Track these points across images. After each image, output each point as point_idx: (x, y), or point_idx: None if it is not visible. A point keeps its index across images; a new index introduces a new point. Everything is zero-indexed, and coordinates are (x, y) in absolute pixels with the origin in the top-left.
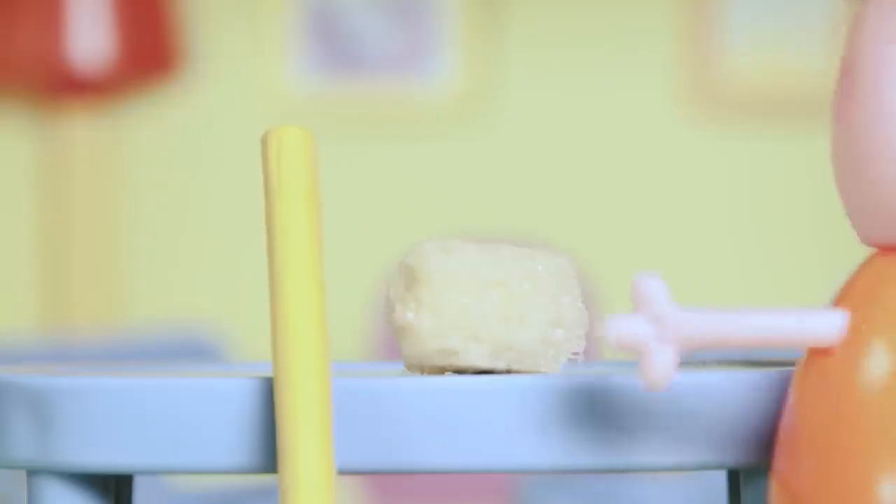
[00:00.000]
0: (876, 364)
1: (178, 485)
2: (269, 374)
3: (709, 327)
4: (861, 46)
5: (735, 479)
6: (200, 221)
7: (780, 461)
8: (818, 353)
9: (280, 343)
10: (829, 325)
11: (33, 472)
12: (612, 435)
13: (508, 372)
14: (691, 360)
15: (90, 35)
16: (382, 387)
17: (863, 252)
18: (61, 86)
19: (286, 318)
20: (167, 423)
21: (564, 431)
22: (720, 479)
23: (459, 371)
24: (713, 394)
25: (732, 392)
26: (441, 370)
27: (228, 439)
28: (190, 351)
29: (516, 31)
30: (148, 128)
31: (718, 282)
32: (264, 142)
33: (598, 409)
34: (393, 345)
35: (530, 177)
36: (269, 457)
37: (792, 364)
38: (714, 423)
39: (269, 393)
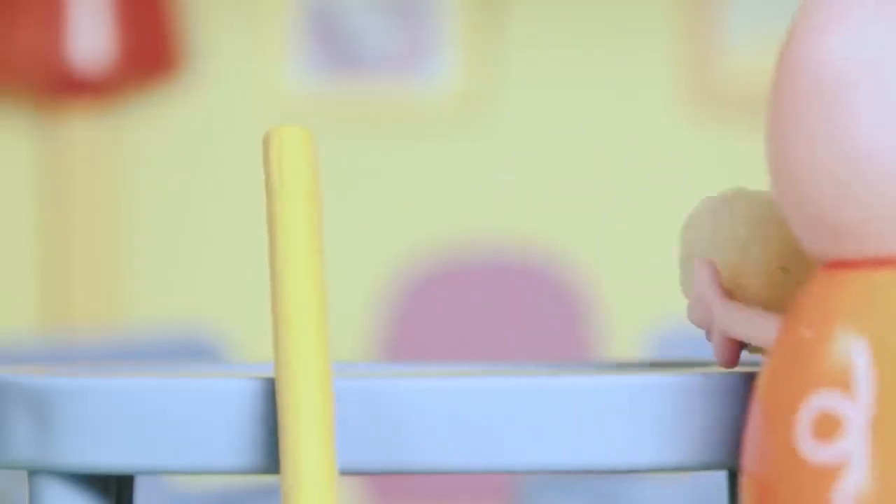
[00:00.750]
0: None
1: (178, 485)
2: (269, 374)
3: (730, 323)
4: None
5: (735, 479)
6: (200, 221)
7: (747, 456)
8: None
9: (281, 343)
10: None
11: (34, 472)
12: (611, 435)
13: None
14: (692, 360)
15: (90, 35)
16: (382, 387)
17: None
18: (61, 86)
19: (287, 319)
20: (167, 423)
21: (564, 431)
22: (720, 479)
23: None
24: (714, 394)
25: (734, 392)
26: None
27: (229, 439)
28: (190, 351)
29: (516, 31)
30: (148, 128)
31: None
32: (265, 142)
33: (597, 409)
34: (393, 345)
35: (530, 177)
36: (269, 457)
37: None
38: (714, 423)
39: (269, 393)
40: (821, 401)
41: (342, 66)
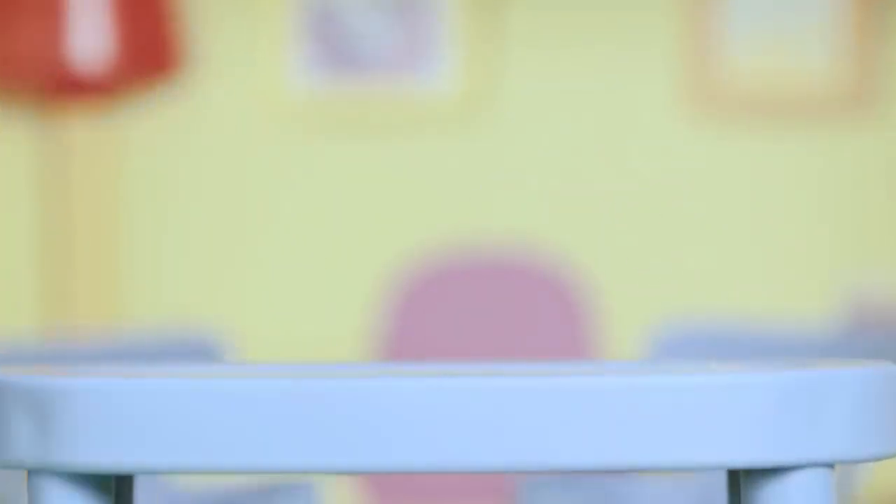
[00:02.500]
0: None
1: (178, 485)
2: (269, 374)
3: None
4: None
5: (735, 479)
6: (200, 221)
7: None
8: None
9: None
10: None
11: (33, 472)
12: (611, 435)
13: None
14: (693, 361)
15: (90, 35)
16: (382, 387)
17: (865, 250)
18: (61, 86)
19: None
20: (167, 423)
21: (563, 431)
22: (720, 479)
23: None
24: (714, 394)
25: (733, 392)
26: None
27: (228, 439)
28: (190, 351)
29: (516, 30)
30: (148, 128)
31: (718, 279)
32: None
33: (597, 409)
34: (393, 345)
35: (530, 177)
36: (269, 457)
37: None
38: (714, 423)
39: (269, 393)
40: None
41: (342, 66)
